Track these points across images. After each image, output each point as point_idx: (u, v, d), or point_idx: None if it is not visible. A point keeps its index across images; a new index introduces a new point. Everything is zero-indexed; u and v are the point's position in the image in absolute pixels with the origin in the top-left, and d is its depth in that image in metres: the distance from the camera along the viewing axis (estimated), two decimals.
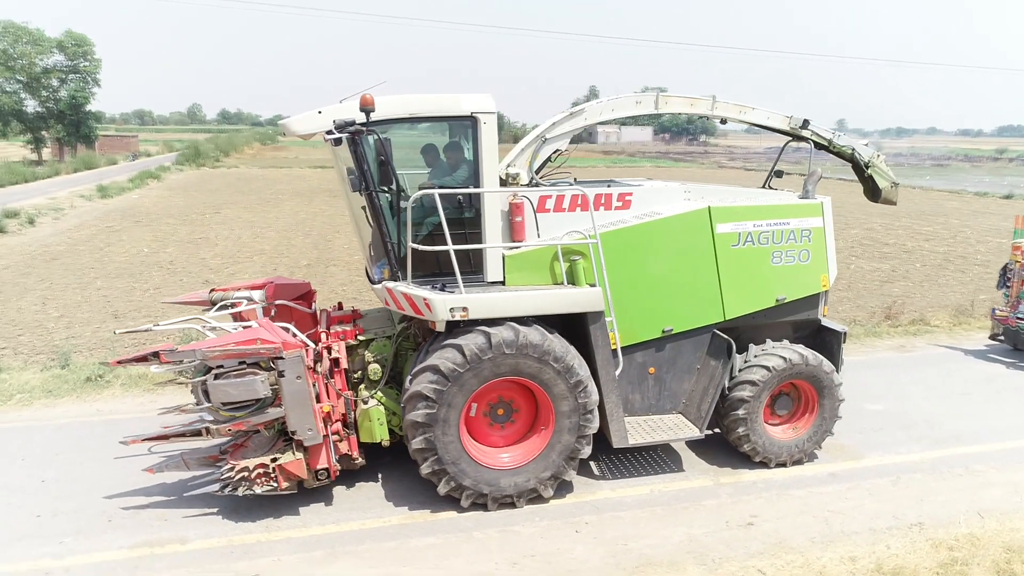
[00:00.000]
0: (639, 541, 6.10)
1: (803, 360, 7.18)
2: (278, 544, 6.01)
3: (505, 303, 6.35)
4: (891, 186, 8.52)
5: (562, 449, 6.52)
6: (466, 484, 6.37)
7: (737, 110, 7.78)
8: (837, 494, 6.94)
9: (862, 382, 9.88)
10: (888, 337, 12.26)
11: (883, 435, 8.26)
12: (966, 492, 6.97)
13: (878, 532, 6.27)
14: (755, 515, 6.53)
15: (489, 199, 6.55)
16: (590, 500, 6.79)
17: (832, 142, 8.14)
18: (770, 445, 7.31)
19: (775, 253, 7.31)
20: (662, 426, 7.19)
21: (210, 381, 5.89)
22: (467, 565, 5.74)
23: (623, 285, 6.99)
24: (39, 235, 24.15)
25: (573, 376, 6.38)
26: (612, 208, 7.11)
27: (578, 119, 7.39)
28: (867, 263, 20.53)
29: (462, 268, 6.62)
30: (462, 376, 6.15)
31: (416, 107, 6.42)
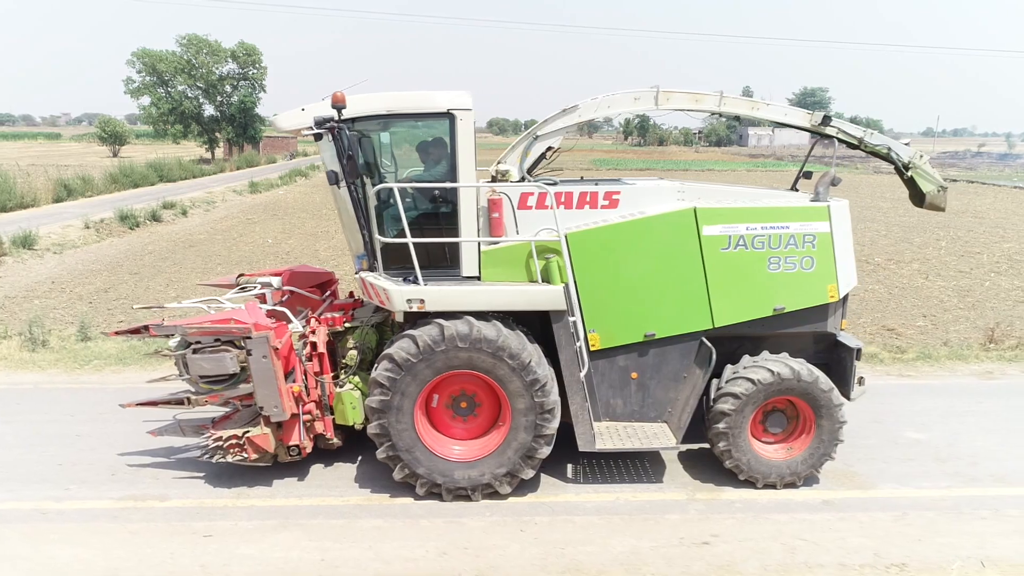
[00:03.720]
0: (578, 547, 5.95)
1: (794, 375, 6.64)
2: (241, 510, 6.47)
3: (462, 297, 6.43)
4: (937, 190, 7.65)
5: (518, 447, 6.49)
6: (420, 472, 6.51)
7: (749, 106, 7.32)
8: (822, 523, 6.37)
9: (914, 408, 8.94)
10: (976, 361, 10.93)
11: (910, 466, 7.44)
12: (978, 537, 6.15)
13: (847, 568, 5.71)
14: (716, 535, 6.16)
15: (465, 194, 6.64)
16: (549, 501, 6.70)
17: (863, 140, 7.44)
18: (756, 464, 6.83)
19: (772, 259, 6.82)
20: (639, 433, 6.94)
21: (188, 355, 6.46)
22: (397, 549, 5.89)
23: (602, 286, 6.84)
24: (188, 225, 27.03)
25: (529, 374, 6.34)
26: (598, 207, 6.96)
27: (571, 116, 7.27)
28: (1008, 280, 18.32)
29: (438, 263, 6.81)
30: (415, 366, 6.30)
31: (393, 104, 6.64)
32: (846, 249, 7.01)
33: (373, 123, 6.78)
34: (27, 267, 18.20)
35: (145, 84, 55.19)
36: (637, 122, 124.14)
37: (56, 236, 21.97)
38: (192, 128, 57.66)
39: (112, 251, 21.13)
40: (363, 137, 7.02)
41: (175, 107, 55.61)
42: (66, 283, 16.62)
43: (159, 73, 54.45)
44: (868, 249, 22.63)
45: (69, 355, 10.61)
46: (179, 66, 54.80)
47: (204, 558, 5.72)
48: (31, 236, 19.75)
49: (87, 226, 23.44)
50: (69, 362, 10.36)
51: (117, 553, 5.78)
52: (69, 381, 9.71)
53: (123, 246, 22.06)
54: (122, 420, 8.05)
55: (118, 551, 5.81)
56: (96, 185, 33.92)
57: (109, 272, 17.97)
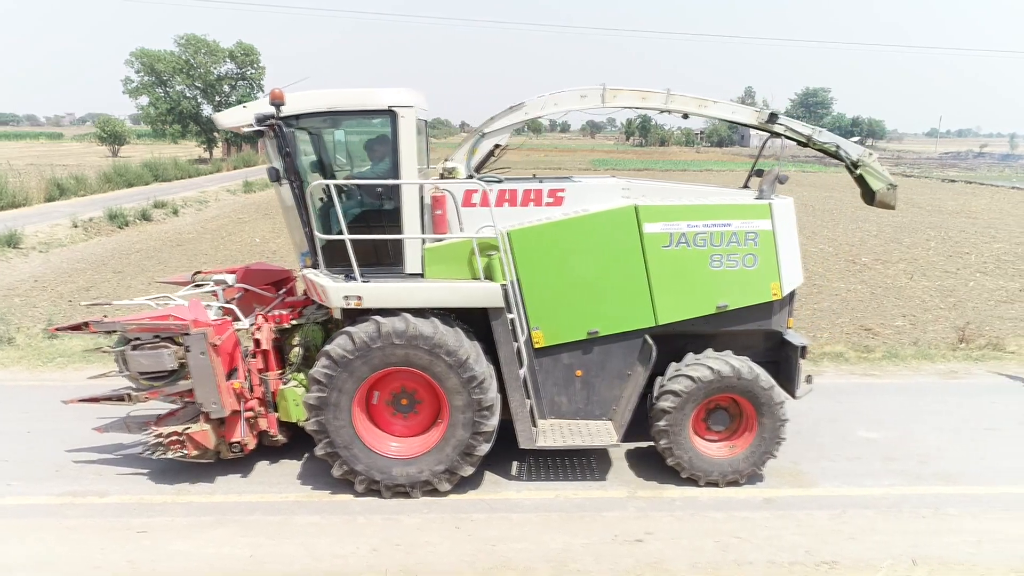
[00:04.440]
0: (511, 544, 5.95)
1: (735, 373, 6.63)
2: (180, 507, 6.49)
3: (399, 294, 6.44)
4: (887, 188, 7.65)
5: (456, 444, 6.50)
6: (358, 469, 6.52)
7: (696, 104, 7.30)
8: (760, 521, 6.35)
9: (872, 407, 8.92)
10: (942, 361, 10.89)
11: (857, 465, 7.42)
12: (914, 536, 6.13)
13: (776, 565, 5.70)
14: (651, 533, 6.15)
15: (408, 192, 6.65)
16: (489, 499, 6.70)
17: (811, 138, 7.42)
18: (698, 462, 6.82)
19: (714, 256, 6.81)
20: (583, 431, 6.93)
21: (127, 351, 6.48)
22: (330, 545, 5.90)
23: (545, 283, 6.84)
24: (179, 224, 27.13)
25: (466, 371, 6.34)
26: (543, 204, 6.95)
27: (517, 113, 7.27)
28: (994, 280, 18.25)
29: (382, 260, 6.82)
30: (352, 363, 6.31)
31: (335, 101, 6.63)
32: (790, 247, 6.99)
33: (319, 120, 6.80)
34: (11, 266, 18.28)
35: (143, 84, 55.37)
36: (639, 123, 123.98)
37: (43, 235, 22.03)
38: (191, 128, 57.78)
39: (99, 250, 21.20)
40: (312, 135, 7.06)
41: (173, 107, 55.72)
42: (48, 281, 16.69)
43: (157, 73, 54.63)
44: (856, 249, 22.60)
45: (33, 352, 10.65)
46: (177, 66, 54.95)
47: (134, 554, 5.74)
48: (16, 235, 19.82)
49: (75, 225, 23.50)
50: (33, 359, 10.40)
51: (47, 548, 5.80)
52: (30, 379, 9.75)
53: (110, 245, 22.14)
54: (75, 417, 8.06)
55: (49, 546, 5.83)
56: (90, 184, 34.02)
57: (93, 271, 18.04)
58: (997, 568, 5.67)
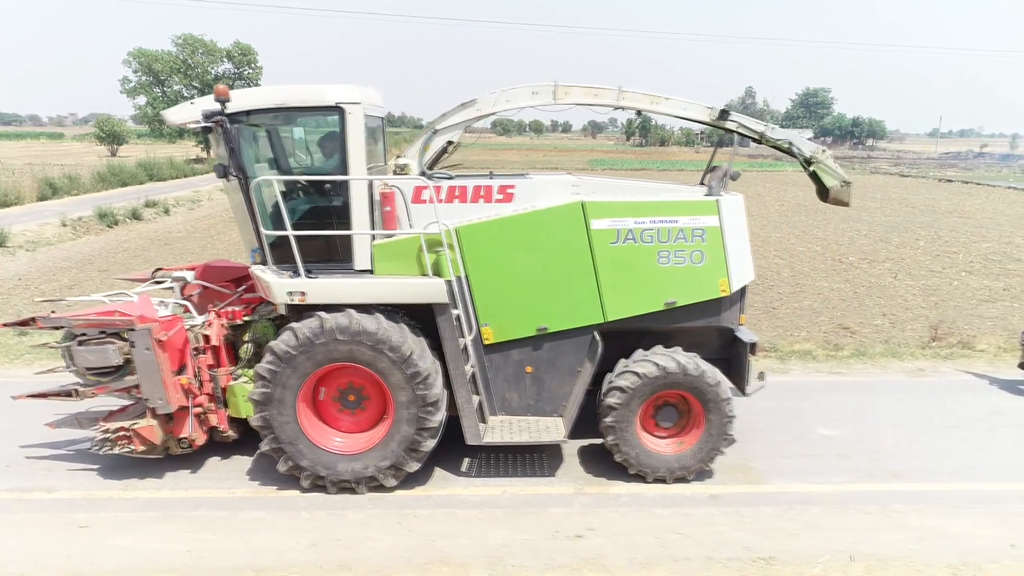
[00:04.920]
0: (451, 540, 5.96)
1: (680, 369, 6.63)
2: (126, 502, 6.51)
3: (343, 290, 6.45)
4: (840, 185, 7.65)
5: (401, 440, 6.50)
6: (304, 465, 6.54)
7: (648, 100, 7.31)
8: (704, 517, 6.35)
9: (833, 404, 8.91)
10: (910, 359, 10.87)
11: (810, 461, 7.40)
12: (857, 532, 6.12)
13: (713, 561, 5.69)
14: (593, 528, 6.15)
15: (356, 188, 6.66)
16: (436, 494, 6.71)
17: (764, 135, 7.43)
18: (646, 458, 6.82)
19: (661, 253, 6.81)
20: (532, 427, 6.94)
21: (73, 347, 6.50)
22: (271, 541, 5.92)
23: (493, 279, 6.84)
24: (169, 223, 27.17)
25: (410, 367, 6.35)
26: (493, 200, 6.95)
27: (469, 110, 7.29)
28: (978, 280, 18.20)
29: (331, 257, 6.83)
30: (295, 358, 6.33)
31: (282, 97, 6.65)
32: (738, 243, 6.99)
33: (269, 117, 6.82)
34: None
35: (141, 84, 55.46)
36: (639, 123, 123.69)
37: (31, 234, 22.10)
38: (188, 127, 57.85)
39: (86, 249, 21.23)
40: (263, 131, 7.08)
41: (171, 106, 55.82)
42: (32, 280, 16.73)
43: (155, 73, 54.73)
44: (845, 248, 22.54)
45: (2, 349, 10.68)
46: (175, 66, 55.06)
47: (73, 548, 5.76)
48: (3, 233, 19.89)
49: (64, 224, 23.56)
50: (1, 356, 10.42)
51: None
52: None
53: (98, 244, 22.18)
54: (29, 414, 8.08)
55: None
56: (83, 184, 34.10)
57: (78, 269, 18.08)
58: (935, 564, 5.66)
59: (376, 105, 7.46)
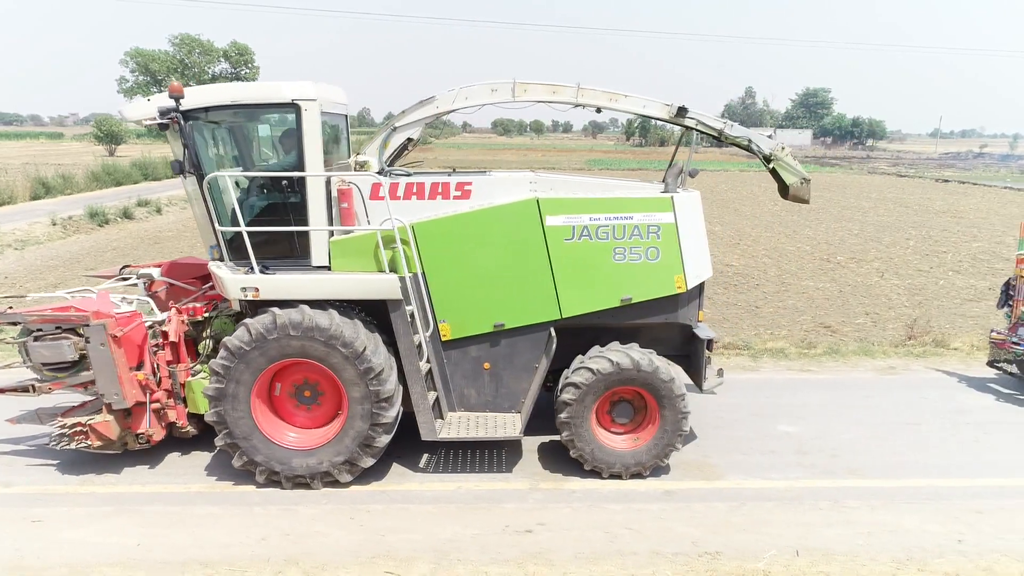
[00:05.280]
0: (401, 535, 5.98)
1: (634, 365, 6.65)
2: (81, 497, 6.55)
3: (296, 286, 6.48)
4: (800, 182, 7.68)
5: (355, 435, 6.52)
6: (258, 460, 6.56)
7: (607, 98, 7.32)
8: (656, 513, 6.36)
9: (798, 402, 8.91)
10: (882, 357, 10.88)
11: (768, 458, 7.42)
12: (807, 527, 6.13)
13: (659, 556, 5.71)
14: (543, 524, 6.17)
15: (313, 184, 6.68)
16: (391, 490, 6.74)
17: (723, 132, 7.45)
18: (601, 453, 6.84)
19: (617, 249, 6.82)
20: (489, 424, 6.96)
21: (29, 342, 6.53)
22: (219, 535, 5.94)
23: (450, 276, 6.87)
24: (161, 222, 27.19)
25: (363, 362, 6.37)
26: (450, 197, 6.97)
27: (428, 107, 7.31)
28: (965, 279, 18.19)
29: (289, 253, 6.86)
30: (248, 354, 6.36)
31: (238, 95, 6.69)
32: (694, 240, 7.00)
33: (228, 114, 6.85)
34: None
35: (138, 84, 55.61)
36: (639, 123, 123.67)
37: (20, 233, 22.16)
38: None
39: (75, 248, 21.27)
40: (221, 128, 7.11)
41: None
42: (18, 279, 16.78)
43: (152, 73, 54.83)
44: (834, 248, 22.54)
45: None
46: (172, 65, 55.19)
47: (21, 542, 5.79)
48: None
49: (54, 223, 23.62)
50: None
51: None
52: None
53: (88, 243, 22.22)
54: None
55: None
56: (76, 183, 34.17)
57: (65, 268, 18.11)
58: (879, 558, 5.68)
59: (336, 102, 7.49)
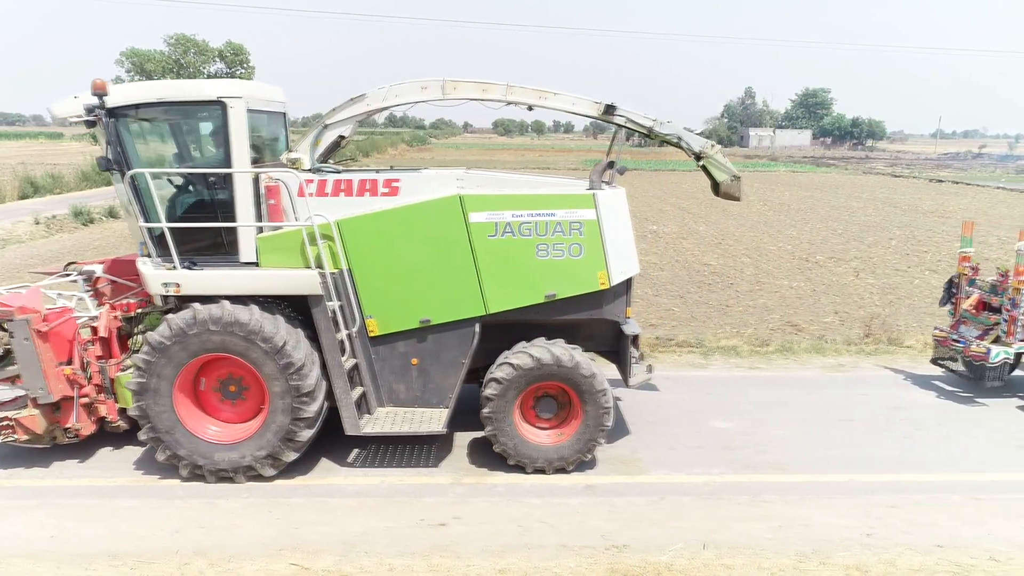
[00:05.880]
0: (314, 527, 6.05)
1: (554, 360, 6.70)
2: (6, 491, 6.64)
3: (216, 281, 6.55)
4: (731, 180, 7.74)
5: (277, 430, 6.59)
6: (181, 454, 6.63)
7: (536, 96, 7.37)
8: (573, 507, 6.42)
9: (739, 398, 8.96)
10: (833, 355, 10.91)
11: (696, 453, 7.46)
12: (720, 521, 6.18)
13: (566, 549, 5.75)
14: (459, 517, 6.22)
15: (239, 181, 6.75)
16: (315, 484, 6.80)
17: (652, 129, 7.50)
18: (524, 448, 6.89)
19: (540, 246, 6.88)
20: (414, 419, 7.02)
21: None
22: (135, 527, 6.01)
23: (376, 272, 6.94)
24: None
25: (283, 357, 6.44)
26: (378, 194, 7.03)
27: (359, 105, 7.37)
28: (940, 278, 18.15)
29: (217, 249, 6.93)
30: (169, 349, 6.43)
31: (163, 92, 6.77)
32: (618, 236, 7.04)
33: (158, 111, 6.94)
34: None
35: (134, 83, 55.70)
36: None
37: (3, 232, 22.26)
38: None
39: (57, 247, 21.35)
40: (151, 125, 7.19)
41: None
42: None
43: (147, 72, 54.91)
44: (816, 247, 22.56)
45: None
46: (167, 65, 55.33)
47: None
48: None
49: (37, 222, 23.74)
50: None
51: None
52: None
53: (70, 242, 22.31)
54: None
55: None
56: (66, 183, 34.31)
57: (43, 267, 18.20)
58: (785, 552, 5.72)
59: (271, 100, 7.56)
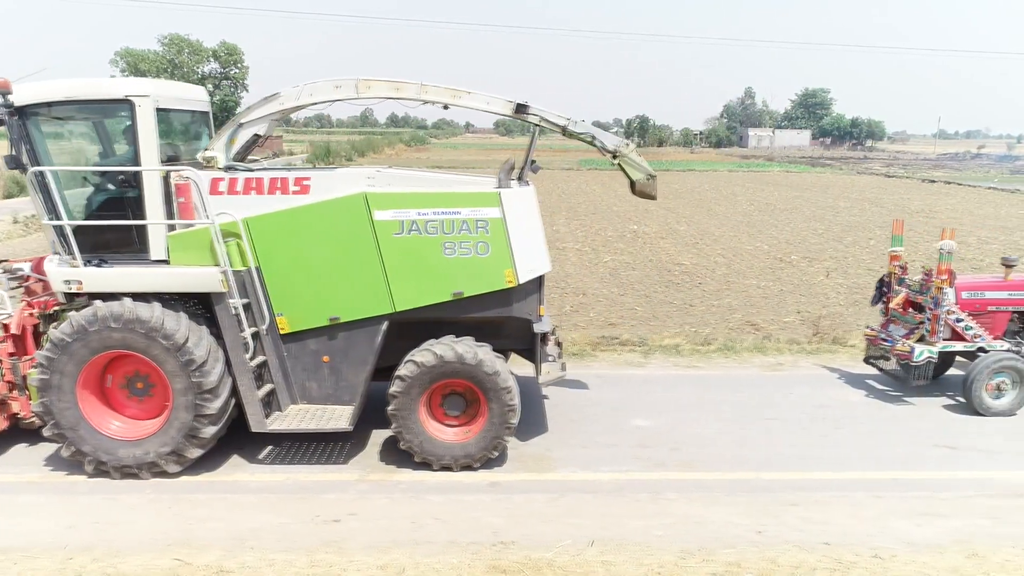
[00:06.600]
0: (207, 523, 6.08)
1: (457, 358, 6.72)
2: None
3: (118, 279, 6.60)
4: (646, 178, 7.77)
5: (180, 426, 6.62)
6: (85, 450, 6.67)
7: (451, 95, 7.40)
8: (473, 503, 6.44)
9: (668, 397, 8.96)
10: (775, 354, 10.90)
11: (609, 451, 7.47)
12: (614, 519, 6.19)
13: (453, 545, 5.77)
14: (355, 514, 6.25)
15: (148, 179, 6.80)
16: (220, 480, 6.84)
17: (566, 128, 7.52)
18: (430, 445, 6.92)
19: (446, 244, 6.90)
20: (322, 416, 7.05)
21: None
22: (33, 523, 6.06)
23: (285, 270, 6.97)
24: None
25: (185, 355, 6.48)
26: (289, 192, 7.06)
27: (273, 103, 7.41)
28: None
29: (128, 247, 6.97)
30: (70, 346, 6.47)
31: (72, 91, 6.79)
32: (525, 234, 7.05)
33: (71, 109, 6.99)
34: None
35: None
36: (637, 123, 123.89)
37: None
38: None
39: (33, 245, 21.38)
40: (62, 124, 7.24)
41: None
42: None
43: (142, 72, 55.16)
44: (793, 247, 22.56)
45: None
46: (161, 65, 55.58)
47: None
48: None
49: (15, 221, 23.87)
50: None
51: None
52: None
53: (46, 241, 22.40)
54: None
55: None
56: None
57: None
58: (669, 549, 5.72)
59: (188, 99, 7.62)
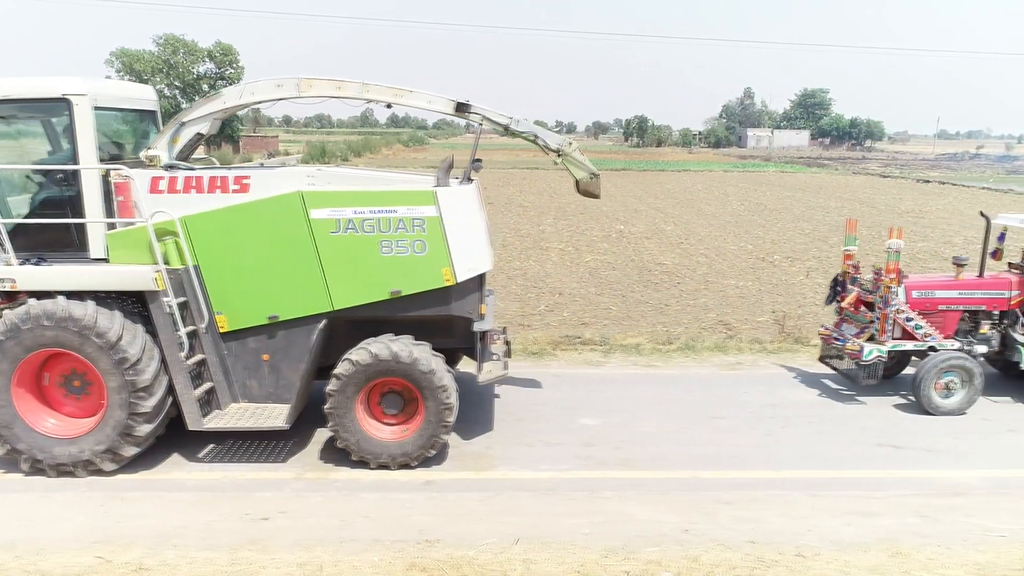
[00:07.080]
0: (137, 520, 6.09)
1: (392, 356, 6.73)
2: None
3: (51, 277, 6.60)
4: (589, 177, 7.79)
5: (115, 425, 6.63)
6: (20, 448, 6.68)
7: (392, 94, 7.41)
8: (405, 502, 6.44)
9: (620, 396, 8.95)
10: (735, 353, 10.89)
11: (551, 450, 7.47)
12: (545, 517, 6.19)
13: (378, 543, 5.77)
14: (284, 512, 6.26)
15: (87, 178, 6.82)
16: (157, 479, 6.85)
17: (508, 127, 7.54)
18: (367, 444, 6.92)
19: (384, 242, 6.90)
20: (260, 414, 7.05)
21: None
22: None
23: (223, 268, 6.98)
24: None
25: (118, 353, 6.49)
26: (229, 191, 7.07)
27: (215, 102, 7.43)
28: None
29: (67, 246, 6.99)
30: (3, 344, 6.49)
31: (10, 90, 6.82)
32: (464, 233, 7.03)
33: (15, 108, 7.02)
34: None
35: None
36: (636, 124, 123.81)
37: None
38: None
39: None
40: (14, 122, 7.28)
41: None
42: None
43: (137, 73, 55.27)
44: (777, 247, 22.52)
45: None
46: (156, 66, 55.67)
47: None
48: None
49: None
50: None
51: None
52: None
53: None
54: None
55: None
56: None
57: None
58: (594, 547, 5.72)
59: (132, 98, 7.64)
